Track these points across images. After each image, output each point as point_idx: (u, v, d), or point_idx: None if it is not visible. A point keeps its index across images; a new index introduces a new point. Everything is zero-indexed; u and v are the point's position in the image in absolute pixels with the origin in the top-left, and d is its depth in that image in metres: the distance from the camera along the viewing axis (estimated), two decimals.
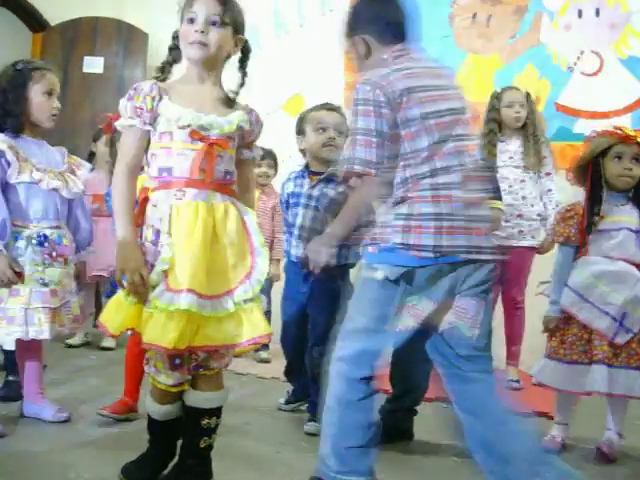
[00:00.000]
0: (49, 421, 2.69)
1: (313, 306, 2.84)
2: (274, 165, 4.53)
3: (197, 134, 1.94)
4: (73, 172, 2.80)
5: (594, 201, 2.66)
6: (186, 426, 2.02)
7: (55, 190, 2.67)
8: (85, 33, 5.54)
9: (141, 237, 1.93)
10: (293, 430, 2.80)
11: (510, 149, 3.88)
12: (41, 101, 2.69)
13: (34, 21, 5.61)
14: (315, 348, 2.76)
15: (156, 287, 1.84)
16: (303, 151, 2.98)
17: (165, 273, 1.84)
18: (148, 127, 1.94)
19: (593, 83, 4.50)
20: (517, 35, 4.68)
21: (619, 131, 2.66)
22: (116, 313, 1.90)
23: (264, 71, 5.28)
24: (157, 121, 1.95)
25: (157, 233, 1.90)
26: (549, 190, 3.84)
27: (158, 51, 5.55)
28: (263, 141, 5.29)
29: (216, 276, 1.88)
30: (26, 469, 2.17)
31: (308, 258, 2.45)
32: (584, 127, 4.44)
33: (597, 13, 4.51)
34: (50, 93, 2.71)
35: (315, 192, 2.87)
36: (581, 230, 2.66)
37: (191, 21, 2.02)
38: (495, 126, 3.90)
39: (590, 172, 2.69)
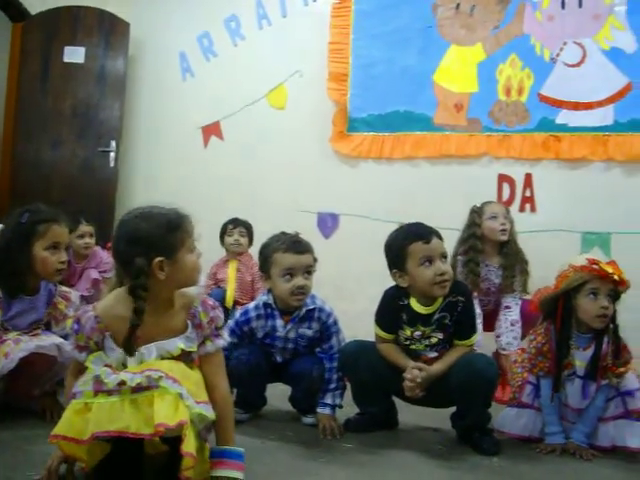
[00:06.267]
0: None
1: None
2: (246, 233, 4.47)
3: None
4: (49, 324, 2.64)
5: (564, 341, 2.51)
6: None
7: None
8: (66, 22, 5.47)
9: None
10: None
11: (491, 278, 3.62)
12: (45, 257, 2.54)
13: (14, 10, 5.52)
14: (315, 367, 2.65)
15: None
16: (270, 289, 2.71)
17: None
18: None
19: (576, 74, 4.49)
20: (501, 25, 4.66)
21: (595, 266, 2.47)
22: None
23: (246, 62, 5.26)
24: None
25: None
26: (507, 307, 3.58)
27: (139, 41, 5.52)
28: (244, 133, 5.33)
29: None
30: None
31: None
32: (567, 118, 4.47)
33: (580, 4, 4.50)
34: (55, 247, 2.57)
35: (291, 334, 2.67)
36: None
37: (193, 249, 1.96)
38: (477, 243, 3.60)
39: (561, 308, 2.53)
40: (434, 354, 2.55)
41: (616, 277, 2.46)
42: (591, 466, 2.37)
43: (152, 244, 1.85)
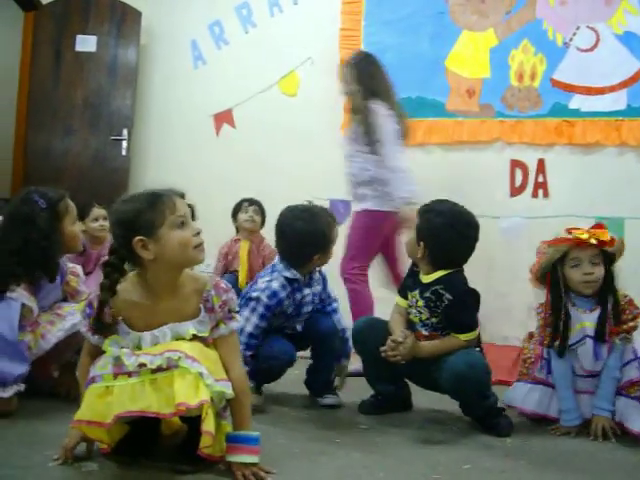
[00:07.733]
0: None
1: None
2: (260, 212, 4.55)
3: None
4: (65, 299, 2.67)
5: (556, 312, 2.50)
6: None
7: None
8: (77, 11, 5.47)
9: None
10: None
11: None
12: (75, 231, 2.63)
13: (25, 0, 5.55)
14: (332, 323, 2.81)
15: None
16: None
17: None
18: None
19: (589, 59, 4.47)
20: (513, 11, 4.63)
21: (570, 236, 2.47)
22: None
23: (258, 50, 5.25)
24: None
25: None
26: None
27: (151, 29, 5.52)
28: (256, 121, 5.30)
29: None
30: None
31: None
32: (580, 103, 4.44)
33: None
34: (74, 219, 2.65)
35: (310, 296, 2.78)
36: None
37: (182, 225, 1.89)
38: None
39: (549, 282, 2.53)
40: (425, 332, 2.57)
41: (593, 241, 2.43)
42: (607, 448, 2.36)
43: (131, 224, 1.86)
